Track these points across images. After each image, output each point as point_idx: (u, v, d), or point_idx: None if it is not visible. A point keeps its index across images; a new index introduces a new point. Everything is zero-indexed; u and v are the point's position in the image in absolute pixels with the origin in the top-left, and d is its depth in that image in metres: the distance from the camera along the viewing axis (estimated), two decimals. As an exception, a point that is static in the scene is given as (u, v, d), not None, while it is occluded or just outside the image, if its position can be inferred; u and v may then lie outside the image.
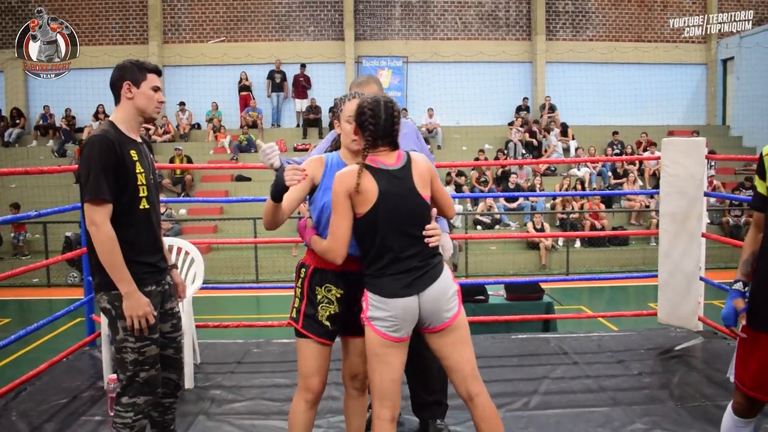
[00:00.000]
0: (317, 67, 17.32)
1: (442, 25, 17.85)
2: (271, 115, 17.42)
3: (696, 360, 4.41)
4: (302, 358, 2.63)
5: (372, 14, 17.67)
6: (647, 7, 18.45)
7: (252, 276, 11.89)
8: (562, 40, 18.07)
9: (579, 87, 17.67)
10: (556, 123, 16.90)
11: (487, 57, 17.48)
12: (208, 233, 13.25)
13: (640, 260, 11.27)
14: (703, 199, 4.65)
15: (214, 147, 16.13)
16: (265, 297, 10.25)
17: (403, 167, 2.44)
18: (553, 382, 3.92)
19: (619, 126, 16.73)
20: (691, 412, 3.53)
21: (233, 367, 4.32)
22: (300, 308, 2.58)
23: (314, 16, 17.56)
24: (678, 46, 18.47)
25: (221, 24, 17.34)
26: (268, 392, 3.87)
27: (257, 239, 10.90)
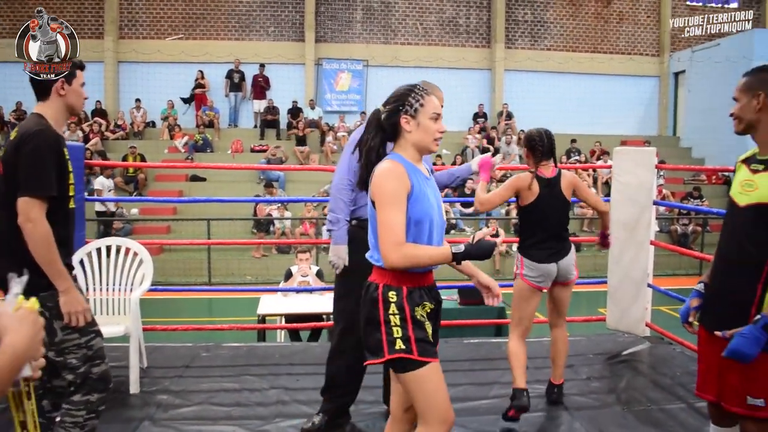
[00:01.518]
0: (276, 68, 17.20)
1: (403, 30, 17.91)
2: (229, 115, 17.22)
3: (643, 365, 4.50)
4: (434, 389, 2.20)
5: (333, 16, 17.63)
6: (603, 19, 18.86)
7: (205, 278, 11.70)
8: (520, 49, 18.33)
9: (536, 95, 17.95)
10: (513, 130, 17.12)
11: (447, 63, 17.61)
12: (160, 234, 12.98)
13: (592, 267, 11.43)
14: (653, 208, 4.75)
15: (169, 146, 15.86)
16: (218, 300, 10.09)
17: (556, 177, 3.59)
18: (503, 387, 3.94)
19: (575, 135, 17.03)
20: (638, 415, 3.59)
21: (181, 371, 4.23)
22: (408, 336, 2.17)
23: (275, 17, 17.42)
24: (632, 58, 18.94)
25: (179, 21, 17.06)
26: (217, 397, 3.79)
27: (210, 240, 10.73)
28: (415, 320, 2.19)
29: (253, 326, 5.66)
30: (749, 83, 2.30)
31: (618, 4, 18.96)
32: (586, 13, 18.79)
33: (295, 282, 6.15)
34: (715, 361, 2.36)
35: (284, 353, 4.62)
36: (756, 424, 2.28)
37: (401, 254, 2.12)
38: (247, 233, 13.07)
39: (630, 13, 19.04)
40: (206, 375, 4.19)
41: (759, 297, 2.23)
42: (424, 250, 2.17)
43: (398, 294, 2.20)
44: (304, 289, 6.04)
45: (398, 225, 2.14)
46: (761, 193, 2.23)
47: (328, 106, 17.49)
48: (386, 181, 2.16)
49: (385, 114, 2.25)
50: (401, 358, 2.17)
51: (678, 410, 3.65)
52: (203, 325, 5.81)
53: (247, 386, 3.96)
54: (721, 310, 2.35)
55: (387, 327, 2.18)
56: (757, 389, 2.22)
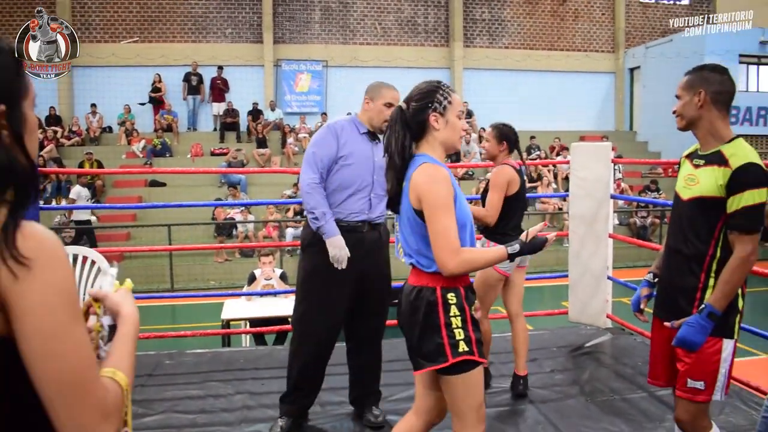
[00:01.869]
0: (235, 70, 17.03)
1: (362, 30, 17.91)
2: (187, 118, 16.99)
3: (605, 356, 4.57)
4: (477, 390, 2.21)
5: (291, 17, 17.53)
6: (559, 17, 19.15)
7: (167, 284, 11.52)
8: (479, 47, 18.49)
9: (495, 93, 18.13)
10: (474, 128, 17.25)
11: (406, 63, 17.67)
12: (120, 241, 12.74)
13: (554, 261, 11.59)
14: (610, 201, 4.84)
15: (127, 151, 15.58)
16: (181, 306, 9.94)
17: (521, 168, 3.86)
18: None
19: (534, 131, 17.25)
20: (600, 406, 3.65)
21: (144, 380, 4.15)
22: (470, 337, 2.15)
23: (232, 18, 17.26)
24: (588, 55, 19.28)
25: (134, 24, 16.78)
26: (181, 405, 3.74)
27: (172, 246, 10.57)
28: (473, 320, 2.19)
29: (217, 331, 5.60)
30: (691, 81, 2.36)
31: (573, 2, 19.27)
32: (543, 11, 19.05)
33: (258, 286, 6.10)
34: (666, 349, 2.46)
35: (249, 358, 4.58)
36: (691, 407, 2.36)
37: (460, 260, 2.08)
38: (209, 238, 12.91)
39: (585, 10, 19.37)
40: (170, 383, 4.12)
41: (702, 286, 2.32)
42: (479, 253, 2.17)
43: (457, 295, 2.17)
44: (268, 292, 5.99)
45: (452, 231, 2.09)
46: (702, 187, 2.31)
47: (288, 108, 17.39)
48: (436, 186, 2.10)
49: (412, 111, 2.21)
50: (465, 360, 2.13)
51: (640, 399, 3.72)
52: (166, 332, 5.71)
53: (212, 392, 3.91)
54: (670, 300, 2.44)
55: (448, 330, 2.13)
56: (698, 372, 2.31)
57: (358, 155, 3.19)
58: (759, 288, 10.72)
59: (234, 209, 12.91)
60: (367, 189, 3.22)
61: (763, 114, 17.50)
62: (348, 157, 3.18)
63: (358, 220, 3.22)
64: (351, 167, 3.18)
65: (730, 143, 2.31)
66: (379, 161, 3.20)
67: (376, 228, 3.31)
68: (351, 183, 3.18)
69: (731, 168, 2.23)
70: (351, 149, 3.19)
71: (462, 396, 2.18)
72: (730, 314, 2.29)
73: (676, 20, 15.22)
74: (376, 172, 3.22)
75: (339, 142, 3.20)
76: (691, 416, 2.37)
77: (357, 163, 3.18)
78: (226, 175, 14.40)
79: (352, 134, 3.24)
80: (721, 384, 2.32)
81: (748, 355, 7.07)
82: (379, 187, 3.24)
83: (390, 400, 3.68)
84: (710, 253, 2.30)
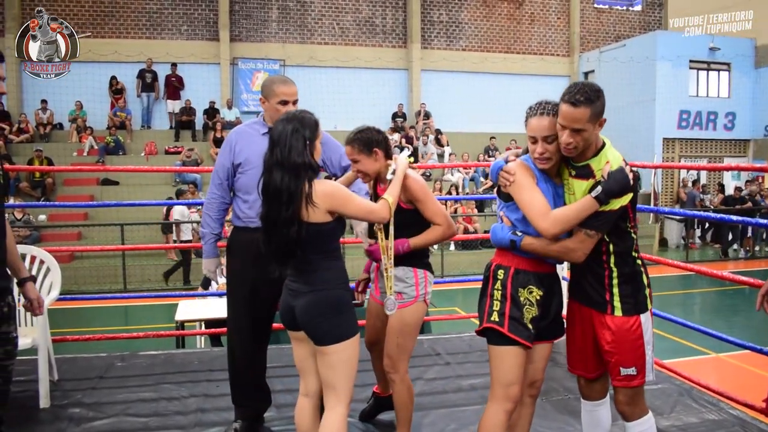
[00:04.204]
0: (191, 68, 16.78)
1: (320, 30, 17.84)
2: (141, 116, 16.66)
3: (559, 355, 4.61)
4: (505, 366, 2.43)
5: (248, 15, 17.36)
6: (516, 20, 19.41)
7: (120, 285, 11.28)
8: (436, 49, 18.61)
9: (453, 95, 18.28)
10: (431, 129, 17.35)
11: (364, 63, 17.68)
12: (70, 240, 12.42)
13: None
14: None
15: (78, 148, 15.19)
16: (134, 307, 9.74)
17: None
18: (426, 384, 3.98)
19: (492, 133, 17.45)
20: (555, 405, 3.70)
21: (95, 382, 4.04)
22: (504, 311, 2.41)
23: (188, 15, 16.99)
24: (543, 59, 19.59)
25: (87, 18, 16.36)
26: (133, 408, 3.65)
27: (124, 246, 10.34)
28: (514, 299, 2.41)
29: (171, 333, 5.50)
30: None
31: (529, 6, 19.56)
32: (500, 15, 19.28)
33: (214, 286, 6.01)
34: (588, 339, 2.58)
35: (203, 359, 4.50)
36: (629, 393, 2.48)
37: (551, 220, 2.28)
38: (163, 237, 12.68)
39: (541, 14, 19.68)
40: (121, 385, 4.03)
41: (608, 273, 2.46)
42: (568, 208, 2.33)
43: (505, 272, 2.45)
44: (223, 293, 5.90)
45: (538, 200, 2.33)
46: (578, 197, 2.39)
47: (245, 107, 17.21)
48: (516, 171, 2.38)
49: None
50: (493, 329, 2.41)
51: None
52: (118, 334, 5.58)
53: (165, 395, 3.83)
54: (585, 286, 2.53)
55: (491, 300, 2.45)
56: (628, 360, 2.44)
57: (256, 161, 2.84)
58: (709, 288, 11.05)
59: (191, 209, 12.69)
60: None
61: (712, 118, 18.04)
62: (245, 165, 3.10)
63: (257, 226, 2.99)
64: (248, 174, 3.07)
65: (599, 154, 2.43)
66: None
67: None
68: (251, 189, 3.04)
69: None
70: (247, 156, 3.09)
71: (493, 366, 2.46)
72: (638, 291, 2.46)
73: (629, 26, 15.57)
74: None
75: (234, 150, 3.15)
76: (631, 401, 2.49)
77: (255, 168, 2.87)
78: (181, 174, 14.18)
79: (252, 139, 3.13)
80: (650, 365, 2.47)
81: (698, 354, 7.28)
82: None
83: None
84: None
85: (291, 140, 2.35)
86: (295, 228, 2.32)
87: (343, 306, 2.45)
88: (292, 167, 2.33)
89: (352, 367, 2.48)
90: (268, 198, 2.37)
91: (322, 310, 2.42)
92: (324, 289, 2.44)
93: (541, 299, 2.45)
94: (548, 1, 19.78)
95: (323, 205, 2.36)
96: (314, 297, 2.43)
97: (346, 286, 2.53)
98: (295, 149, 2.34)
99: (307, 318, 2.43)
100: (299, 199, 2.32)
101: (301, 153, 2.34)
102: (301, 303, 2.45)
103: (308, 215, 2.35)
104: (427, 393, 3.81)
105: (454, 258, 13.21)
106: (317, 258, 2.45)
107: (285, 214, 2.32)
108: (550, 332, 2.57)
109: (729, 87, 18.18)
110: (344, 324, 2.44)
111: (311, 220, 2.36)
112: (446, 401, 3.76)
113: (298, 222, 2.33)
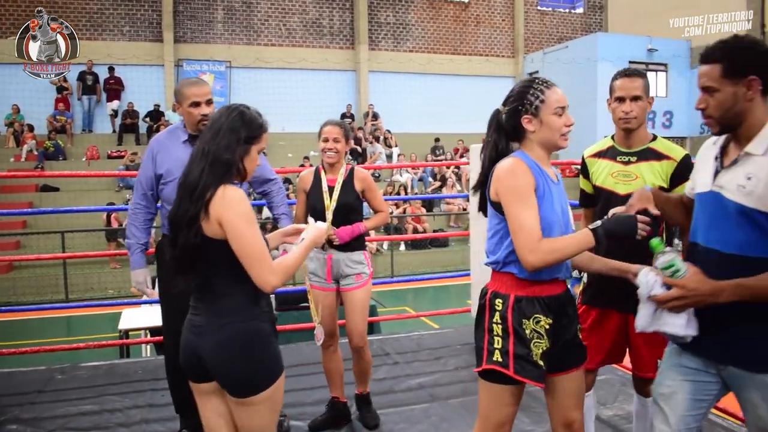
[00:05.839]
0: (133, 69, 16.40)
1: (266, 31, 17.68)
2: (82, 119, 16.20)
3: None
4: (498, 405, 2.10)
5: (193, 16, 17.08)
6: (462, 22, 19.63)
7: (61, 295, 10.93)
8: (384, 50, 18.67)
9: (401, 96, 18.37)
10: (380, 130, 17.39)
11: (311, 64, 17.61)
12: (8, 250, 11.97)
13: (460, 260, 11.85)
14: (509, 202, 4.96)
15: (15, 154, 14.68)
16: (77, 317, 9.46)
17: None
18: (375, 384, 3.98)
19: (440, 133, 17.59)
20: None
21: (33, 397, 3.90)
22: (507, 349, 2.01)
23: (130, 15, 16.62)
24: (489, 60, 19.87)
25: (23, 19, 15.78)
26: (74, 421, 3.54)
27: (66, 254, 10.03)
28: (518, 334, 2.02)
29: (114, 342, 5.35)
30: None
31: (475, 9, 19.81)
32: (446, 17, 19.47)
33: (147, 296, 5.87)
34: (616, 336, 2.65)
35: (148, 368, 4.40)
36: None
37: (540, 252, 1.91)
38: (106, 244, 12.36)
39: (486, 16, 19.95)
40: (62, 399, 3.90)
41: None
42: (562, 240, 1.96)
43: (504, 302, 2.05)
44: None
45: (531, 222, 1.94)
46: (643, 180, 2.53)
47: (191, 109, 16.89)
48: (509, 177, 1.99)
49: (505, 115, 2.10)
50: (495, 371, 2.04)
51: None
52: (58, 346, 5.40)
53: (108, 407, 3.72)
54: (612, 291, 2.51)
55: (489, 335, 2.06)
56: (660, 352, 2.32)
57: (177, 170, 2.64)
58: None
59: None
60: None
61: (651, 117, 18.60)
62: (166, 176, 3.01)
63: None
64: (170, 185, 2.97)
65: (656, 140, 2.62)
66: None
67: None
68: (172, 200, 2.98)
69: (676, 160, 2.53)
70: (168, 166, 3.00)
71: (484, 403, 2.12)
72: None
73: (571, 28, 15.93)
74: None
75: (156, 161, 3.07)
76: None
77: (177, 179, 2.63)
78: (125, 179, 13.84)
79: (172, 146, 3.05)
80: None
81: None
82: None
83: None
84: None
85: (225, 133, 2.00)
86: (194, 231, 1.94)
87: (259, 342, 2.00)
88: (215, 161, 1.97)
89: (277, 411, 2.08)
90: (181, 192, 2.01)
91: (233, 353, 1.96)
92: (233, 322, 1.98)
93: (552, 327, 2.07)
94: (493, 3, 20.06)
95: (213, 213, 1.93)
96: (221, 335, 1.97)
97: (264, 314, 2.06)
98: (225, 144, 1.99)
99: (218, 361, 1.98)
100: (209, 199, 1.95)
101: (231, 150, 1.99)
102: (207, 344, 1.99)
103: (203, 223, 1.95)
104: (376, 393, 3.80)
105: (404, 258, 13.25)
106: (220, 282, 2.00)
107: (192, 211, 1.94)
108: (569, 361, 2.18)
109: (666, 87, 18.79)
110: (264, 366, 2.00)
111: (205, 232, 1.95)
112: (395, 401, 3.76)
113: (200, 226, 1.95)
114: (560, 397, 2.19)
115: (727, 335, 1.89)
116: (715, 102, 1.88)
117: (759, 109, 1.87)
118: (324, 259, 3.30)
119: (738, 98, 1.85)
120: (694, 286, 1.81)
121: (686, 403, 1.98)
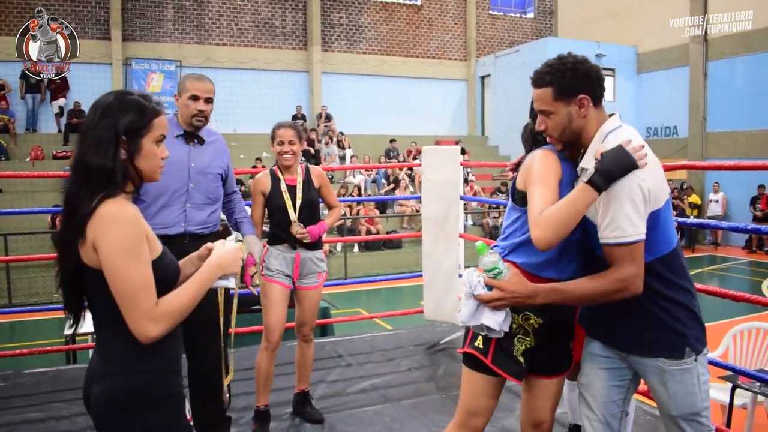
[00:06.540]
0: (80, 68, 15.92)
1: (218, 30, 17.47)
2: (26, 118, 15.70)
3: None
4: (475, 395, 2.14)
5: (142, 14, 16.75)
6: (414, 25, 19.76)
7: (4, 299, 10.58)
8: (337, 52, 18.64)
9: (354, 97, 18.38)
10: (333, 132, 17.36)
11: (263, 65, 17.47)
12: (-53, 253, 11.53)
13: (414, 261, 11.91)
14: (460, 203, 5.04)
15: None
16: (21, 322, 9.17)
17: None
18: (328, 386, 3.99)
19: (393, 135, 17.65)
20: (455, 400, 3.74)
21: (-27, 405, 3.79)
22: (489, 339, 2.06)
23: (76, 12, 16.19)
24: (442, 63, 20.05)
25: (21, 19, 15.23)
26: (18, 430, 3.45)
27: (9, 257, 9.71)
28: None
29: (60, 348, 5.21)
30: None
31: (428, 12, 19.96)
32: (399, 19, 19.56)
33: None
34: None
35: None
36: None
37: (542, 223, 1.85)
38: (51, 247, 12.01)
39: (439, 19, 20.13)
40: (4, 407, 3.79)
41: None
42: (558, 205, 1.87)
43: None
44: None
45: (542, 201, 1.90)
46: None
47: (139, 109, 16.57)
48: (535, 162, 2.04)
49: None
50: (474, 356, 2.11)
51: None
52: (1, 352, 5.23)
53: (53, 414, 3.64)
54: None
55: None
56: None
57: (168, 164, 2.59)
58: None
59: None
60: (181, 199, 2.95)
61: (599, 122, 19.05)
62: None
63: (174, 233, 2.91)
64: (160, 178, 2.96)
65: None
66: (197, 166, 3.00)
67: (201, 239, 2.89)
68: (161, 194, 2.88)
69: None
70: None
71: (463, 389, 2.20)
72: None
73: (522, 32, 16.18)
74: (192, 179, 2.98)
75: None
76: None
77: (167, 172, 2.60)
78: (71, 179, 13.47)
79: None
80: None
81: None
82: (198, 194, 2.99)
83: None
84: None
85: (93, 131, 1.60)
86: (70, 255, 1.60)
87: (147, 404, 1.58)
88: (84, 169, 1.57)
89: None
90: (64, 207, 1.64)
91: (114, 415, 1.57)
92: (119, 374, 1.57)
93: (541, 328, 2.08)
94: (446, 6, 20.25)
95: (90, 235, 1.55)
96: (107, 385, 1.58)
97: (162, 369, 1.63)
98: (93, 146, 1.58)
99: (100, 413, 1.59)
100: (87, 218, 1.55)
101: (102, 152, 1.57)
102: (95, 391, 1.60)
103: (80, 248, 1.58)
104: (329, 396, 3.82)
105: (358, 259, 13.26)
106: (109, 321, 1.60)
107: (69, 232, 1.59)
108: (553, 366, 2.20)
109: (614, 91, 19.25)
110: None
111: (82, 258, 1.59)
112: (348, 402, 3.78)
113: (76, 249, 1.58)
114: (536, 399, 2.24)
115: (615, 323, 2.03)
116: (552, 123, 2.01)
117: (593, 122, 2.00)
118: (292, 257, 3.43)
119: (572, 117, 1.98)
120: (513, 288, 1.92)
121: (605, 390, 2.09)
